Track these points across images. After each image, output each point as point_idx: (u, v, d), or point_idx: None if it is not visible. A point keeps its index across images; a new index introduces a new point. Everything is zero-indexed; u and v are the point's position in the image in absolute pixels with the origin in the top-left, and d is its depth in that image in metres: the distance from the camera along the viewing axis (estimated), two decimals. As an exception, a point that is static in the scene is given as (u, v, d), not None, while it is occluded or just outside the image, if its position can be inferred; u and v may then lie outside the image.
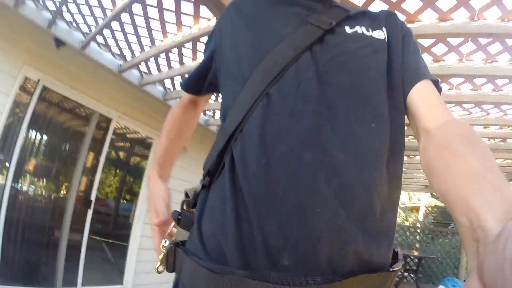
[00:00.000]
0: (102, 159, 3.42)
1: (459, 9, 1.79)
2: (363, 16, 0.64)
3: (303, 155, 0.45)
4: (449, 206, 0.34)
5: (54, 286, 2.95)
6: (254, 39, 0.59)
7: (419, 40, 2.06)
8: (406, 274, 6.29)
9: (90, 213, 3.28)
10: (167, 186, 0.73)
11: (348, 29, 0.59)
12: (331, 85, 0.51)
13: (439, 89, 0.57)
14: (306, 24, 0.57)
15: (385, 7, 1.87)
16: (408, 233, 7.57)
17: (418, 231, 7.70)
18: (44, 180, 3.15)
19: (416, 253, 6.04)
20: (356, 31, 0.59)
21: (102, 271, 3.61)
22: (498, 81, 2.38)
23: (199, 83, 0.73)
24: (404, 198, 10.26)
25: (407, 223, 8.78)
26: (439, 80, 0.58)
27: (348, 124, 0.49)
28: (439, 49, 2.20)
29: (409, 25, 1.94)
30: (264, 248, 0.43)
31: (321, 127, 0.47)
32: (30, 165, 3.00)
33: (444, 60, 2.29)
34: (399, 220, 9.72)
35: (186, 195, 0.63)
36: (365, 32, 0.59)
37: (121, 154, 4.37)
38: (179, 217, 0.59)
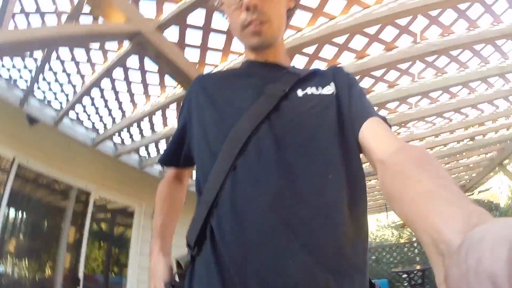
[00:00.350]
0: (85, 234, 3.29)
1: (402, 36, 2.00)
2: (313, 76, 0.70)
3: (269, 218, 0.50)
4: (412, 227, 0.34)
5: None
6: (217, 116, 0.65)
7: (373, 72, 2.25)
8: (413, 288, 6.15)
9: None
10: (169, 261, 0.72)
11: (300, 92, 0.65)
12: (288, 147, 0.57)
13: (389, 125, 0.60)
14: (262, 95, 0.64)
15: (334, 49, 2.06)
16: (405, 249, 7.49)
17: (415, 245, 7.62)
18: (28, 260, 2.95)
19: (418, 267, 5.97)
20: (306, 93, 0.65)
21: None
22: (452, 89, 2.58)
23: (175, 155, 0.77)
24: (394, 216, 10.34)
25: (402, 240, 8.75)
26: (386, 118, 0.62)
27: (307, 181, 0.54)
28: (392, 75, 2.41)
29: (360, 61, 2.15)
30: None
31: (283, 190, 0.52)
32: (11, 246, 2.84)
33: (398, 84, 2.49)
34: (393, 239, 9.69)
35: (178, 264, 0.64)
36: (314, 92, 0.65)
37: (104, 226, 4.21)
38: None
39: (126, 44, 1.73)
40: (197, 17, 1.74)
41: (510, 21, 1.94)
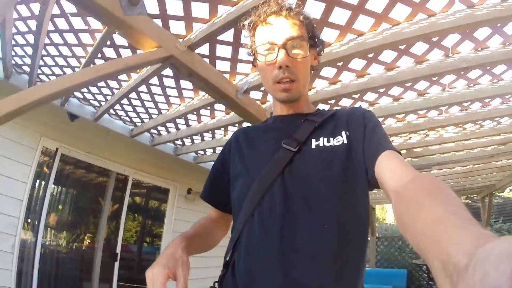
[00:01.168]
0: (123, 211, 3.66)
1: (433, 50, 1.97)
2: (329, 122, 0.79)
3: (271, 260, 0.65)
4: (424, 255, 0.35)
5: None
6: (244, 170, 0.79)
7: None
8: (431, 282, 6.16)
9: (117, 265, 3.50)
10: (186, 256, 0.72)
11: (313, 143, 0.75)
12: (295, 200, 0.69)
13: (400, 154, 0.66)
14: (280, 149, 0.75)
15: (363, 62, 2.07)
16: None
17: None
18: (72, 235, 3.39)
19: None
20: (318, 144, 0.74)
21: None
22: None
23: (213, 193, 0.92)
24: None
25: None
26: (398, 150, 0.67)
27: (305, 230, 0.65)
28: (421, 85, 2.37)
29: (389, 73, 2.14)
30: None
31: (284, 239, 0.66)
32: (58, 223, 3.24)
33: (428, 93, 2.46)
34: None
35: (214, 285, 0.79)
36: (326, 144, 0.74)
37: (140, 201, 4.58)
38: None
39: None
40: (226, 34, 1.82)
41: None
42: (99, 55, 2.02)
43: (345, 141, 0.73)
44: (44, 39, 1.87)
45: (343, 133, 0.75)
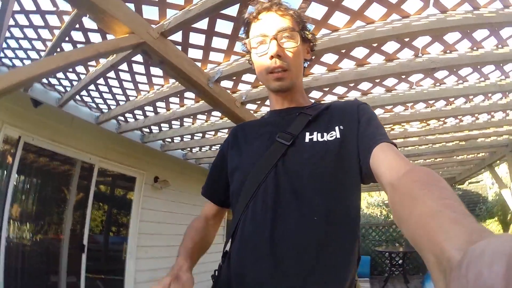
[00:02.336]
0: (89, 201, 3.51)
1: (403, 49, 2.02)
2: (323, 115, 0.80)
3: (261, 249, 0.68)
4: (417, 247, 0.35)
5: None
6: (240, 164, 0.82)
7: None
8: (393, 268, 6.55)
9: (84, 256, 3.38)
10: (190, 275, 0.71)
11: (307, 137, 0.76)
12: (285, 193, 0.71)
13: (396, 146, 0.67)
14: (274, 143, 0.78)
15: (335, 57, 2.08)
16: (391, 229, 7.79)
17: (401, 225, 8.00)
18: (37, 227, 3.19)
19: (401, 249, 6.34)
20: (312, 139, 0.75)
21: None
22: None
23: (213, 190, 0.94)
24: (385, 196, 10.53)
25: (390, 219, 9.06)
26: (393, 142, 0.67)
27: (293, 222, 0.67)
28: (390, 81, 2.44)
29: (359, 69, 2.18)
30: None
31: (273, 230, 0.68)
32: (22, 215, 3.04)
33: (396, 89, 2.54)
34: (381, 218, 9.97)
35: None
36: (319, 139, 0.75)
37: (106, 190, 4.41)
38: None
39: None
40: (200, 22, 1.75)
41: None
42: (67, 39, 1.88)
43: (338, 136, 0.74)
44: (8, 21, 1.71)
45: (336, 128, 0.76)
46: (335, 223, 0.68)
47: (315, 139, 0.75)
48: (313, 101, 0.92)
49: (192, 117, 2.96)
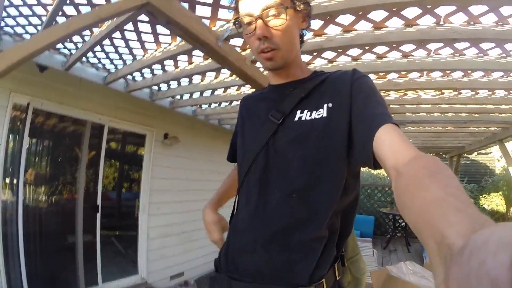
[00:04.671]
0: (101, 163, 3.62)
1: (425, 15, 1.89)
2: (317, 91, 0.78)
3: (247, 221, 0.78)
4: (419, 235, 0.35)
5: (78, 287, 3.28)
6: (241, 141, 0.89)
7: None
8: (396, 231, 6.77)
9: (98, 215, 3.56)
10: (218, 215, 1.01)
11: (297, 115, 0.77)
12: (271, 170, 0.76)
13: (399, 127, 0.64)
14: (267, 120, 0.80)
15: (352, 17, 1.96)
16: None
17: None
18: (52, 189, 3.34)
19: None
20: (301, 117, 0.76)
21: (116, 264, 3.91)
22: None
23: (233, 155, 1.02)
24: None
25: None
26: (397, 123, 0.64)
27: (275, 199, 0.74)
28: (407, 47, 2.31)
29: (376, 32, 2.06)
30: (232, 264, 0.78)
31: (258, 205, 0.76)
32: (37, 178, 3.17)
33: (413, 55, 2.42)
34: (388, 179, 9.97)
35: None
36: (307, 117, 0.75)
37: (117, 149, 4.50)
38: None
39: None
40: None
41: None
42: (68, 1, 1.79)
43: (325, 114, 0.73)
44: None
45: (325, 105, 0.74)
46: (312, 202, 0.71)
47: (303, 118, 0.76)
48: (314, 70, 0.89)
49: (201, 74, 2.90)
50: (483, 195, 8.32)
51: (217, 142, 5.31)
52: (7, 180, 2.78)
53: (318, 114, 0.74)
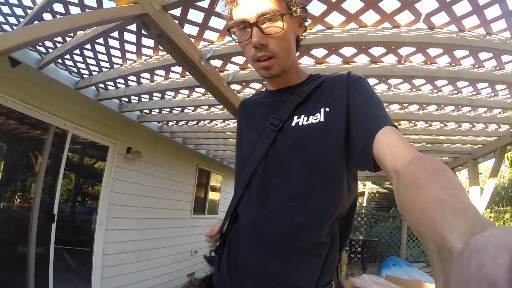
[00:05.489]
0: (61, 172, 3.41)
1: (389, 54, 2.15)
2: (313, 95, 0.78)
3: (248, 227, 0.76)
4: (420, 236, 0.35)
5: None
6: (240, 147, 0.89)
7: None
8: (352, 255, 6.99)
9: (54, 226, 3.30)
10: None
11: (294, 121, 0.76)
12: (271, 177, 0.75)
13: (398, 129, 0.63)
14: (266, 128, 0.80)
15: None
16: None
17: (363, 215, 8.43)
18: (4, 195, 3.07)
19: (360, 237, 6.75)
20: (298, 123, 0.75)
21: (69, 281, 3.61)
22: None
23: None
24: None
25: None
26: (396, 125, 0.64)
27: (273, 207, 0.73)
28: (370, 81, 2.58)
29: (345, 65, 2.29)
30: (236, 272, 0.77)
31: (257, 213, 0.75)
32: None
33: (375, 88, 2.70)
34: None
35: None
36: (304, 122, 0.74)
37: (78, 159, 4.28)
38: (209, 259, 0.88)
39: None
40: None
41: (488, 68, 2.17)
42: (48, 9, 1.83)
43: (322, 119, 0.72)
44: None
45: (322, 110, 0.73)
46: (313, 208, 0.70)
47: (300, 123, 0.75)
48: (309, 74, 0.88)
49: (174, 91, 2.95)
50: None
51: (179, 162, 5.30)
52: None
53: (315, 119, 0.73)
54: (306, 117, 0.75)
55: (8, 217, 3.05)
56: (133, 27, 2.02)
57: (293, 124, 0.76)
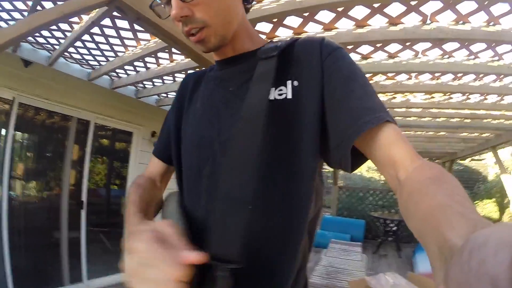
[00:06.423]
0: (87, 160, 3.59)
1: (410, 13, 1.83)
2: (273, 63, 0.58)
3: (199, 202, 0.61)
4: (422, 240, 0.34)
5: (63, 285, 3.24)
6: (184, 129, 0.71)
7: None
8: (387, 235, 6.69)
9: (83, 210, 3.53)
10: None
11: (251, 94, 0.57)
12: (218, 165, 0.60)
13: (396, 124, 0.53)
14: (213, 107, 0.64)
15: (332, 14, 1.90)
16: (388, 196, 7.80)
17: (399, 192, 8.02)
18: (37, 184, 3.31)
19: (396, 216, 6.40)
20: (255, 97, 0.57)
21: (102, 262, 3.84)
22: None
23: (163, 149, 0.78)
24: None
25: (388, 185, 9.08)
26: (393, 119, 0.53)
27: (219, 206, 0.53)
28: (393, 47, 2.25)
29: (358, 30, 2.00)
30: None
31: (205, 214, 0.60)
32: (23, 174, 3.14)
33: (399, 56, 2.36)
34: (380, 183, 9.86)
35: None
36: (263, 96, 0.56)
37: (103, 146, 4.45)
38: None
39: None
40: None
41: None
42: None
43: (290, 95, 0.57)
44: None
45: (289, 83, 0.58)
46: (269, 211, 0.56)
47: (258, 97, 0.56)
48: (269, 40, 0.69)
49: (183, 72, 2.83)
50: (476, 202, 8.26)
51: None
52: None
53: (280, 94, 0.57)
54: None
55: (40, 205, 3.28)
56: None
57: (250, 99, 0.56)
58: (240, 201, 0.52)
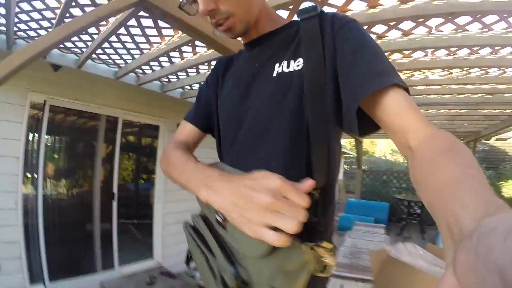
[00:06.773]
0: (116, 154, 3.83)
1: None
2: (292, 38, 0.67)
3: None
4: (434, 215, 0.34)
5: (96, 271, 3.53)
6: (219, 107, 0.80)
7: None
8: (411, 217, 6.64)
9: (115, 204, 3.78)
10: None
11: (275, 69, 0.65)
12: (249, 134, 0.67)
13: (408, 92, 0.54)
14: (244, 81, 0.71)
15: None
16: None
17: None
18: (69, 182, 3.59)
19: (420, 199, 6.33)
20: (278, 71, 0.65)
21: (132, 250, 4.13)
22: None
23: (198, 116, 0.87)
24: None
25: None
26: (406, 85, 0.54)
27: (249, 168, 0.57)
28: (407, 25, 2.29)
29: (371, 11, 2.05)
30: None
31: (240, 157, 0.67)
32: (55, 172, 3.42)
33: (413, 33, 2.39)
34: (404, 165, 9.68)
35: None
36: (285, 69, 0.64)
37: (132, 141, 4.69)
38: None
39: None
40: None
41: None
42: (73, 4, 1.92)
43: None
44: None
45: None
46: (292, 171, 0.59)
47: (281, 71, 0.64)
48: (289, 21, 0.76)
49: (206, 64, 2.97)
50: (501, 182, 7.99)
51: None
52: (28, 175, 3.02)
53: (298, 65, 0.62)
54: (286, 62, 0.64)
55: (73, 200, 3.57)
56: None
57: (274, 74, 0.65)
58: (269, 163, 0.61)
